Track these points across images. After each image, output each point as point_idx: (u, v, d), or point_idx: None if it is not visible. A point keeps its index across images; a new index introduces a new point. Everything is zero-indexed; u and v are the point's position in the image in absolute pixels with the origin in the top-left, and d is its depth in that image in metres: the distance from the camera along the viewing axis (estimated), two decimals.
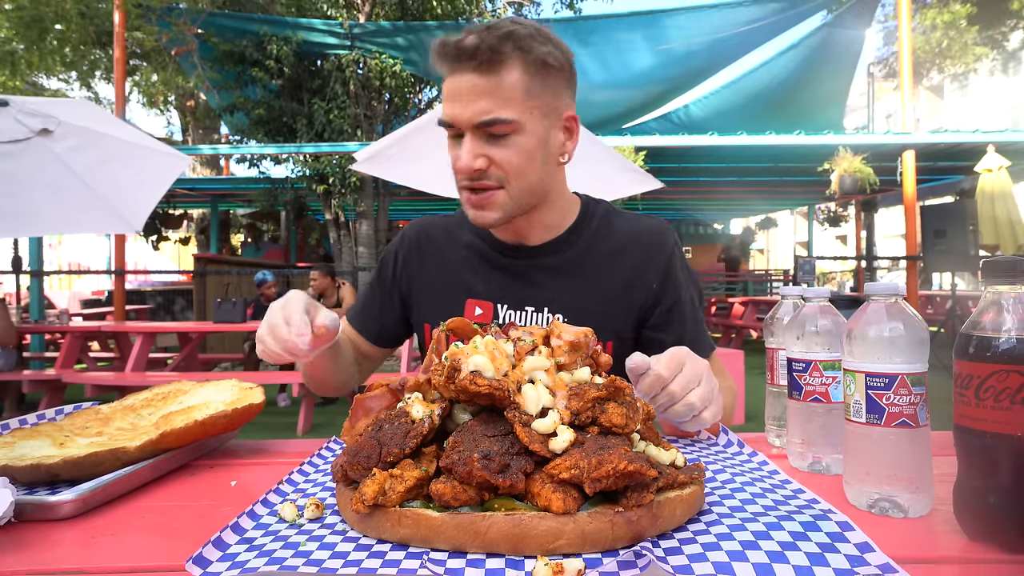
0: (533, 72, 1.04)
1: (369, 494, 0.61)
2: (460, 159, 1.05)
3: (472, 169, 1.05)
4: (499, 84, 1.02)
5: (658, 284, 1.19)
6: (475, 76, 1.02)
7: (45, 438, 0.88)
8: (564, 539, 0.58)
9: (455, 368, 0.67)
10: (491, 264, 1.24)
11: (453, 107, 1.04)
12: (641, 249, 1.20)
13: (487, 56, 1.01)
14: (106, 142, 4.30)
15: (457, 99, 1.04)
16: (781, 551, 0.55)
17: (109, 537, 0.68)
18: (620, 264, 1.20)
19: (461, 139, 1.06)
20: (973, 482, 0.63)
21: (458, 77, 1.03)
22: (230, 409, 0.94)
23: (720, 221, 19.97)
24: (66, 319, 6.39)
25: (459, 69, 1.03)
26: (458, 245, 1.28)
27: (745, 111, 9.72)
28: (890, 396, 0.69)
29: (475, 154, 1.05)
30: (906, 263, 7.99)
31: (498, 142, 1.05)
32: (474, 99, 1.02)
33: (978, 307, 0.64)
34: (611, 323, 1.17)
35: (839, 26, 8.84)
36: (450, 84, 1.05)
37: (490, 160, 1.06)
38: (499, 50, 1.01)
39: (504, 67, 1.02)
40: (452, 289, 1.25)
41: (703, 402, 0.88)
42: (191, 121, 13.19)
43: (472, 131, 1.04)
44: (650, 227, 1.24)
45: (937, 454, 0.73)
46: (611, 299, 1.18)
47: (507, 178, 1.07)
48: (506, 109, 1.03)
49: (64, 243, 17.79)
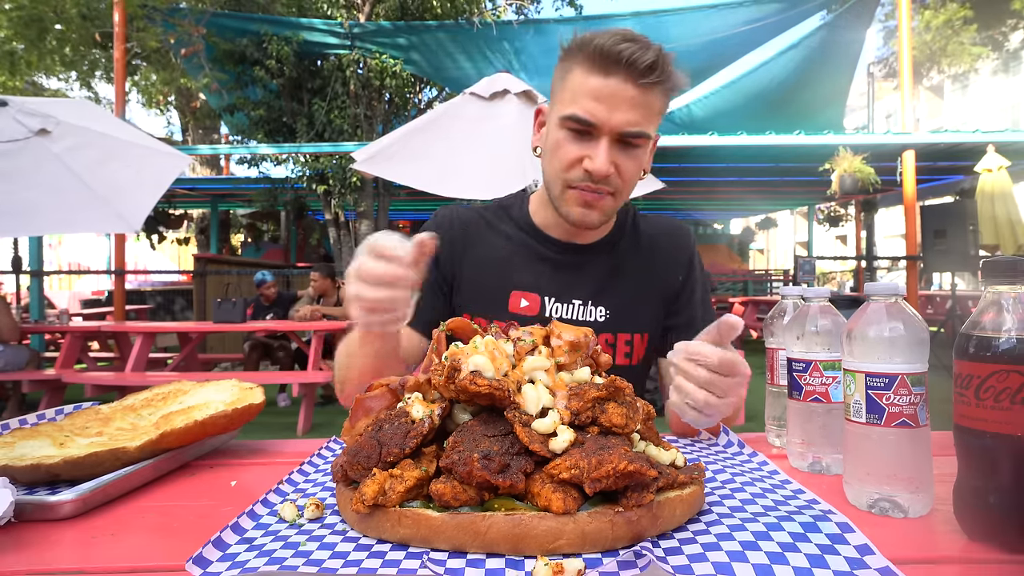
0: (667, 95, 1.10)
1: (369, 494, 0.61)
2: (594, 161, 1.07)
3: (607, 173, 1.08)
4: (650, 101, 1.07)
5: (683, 277, 1.31)
6: (634, 88, 1.04)
7: (45, 438, 0.88)
8: (564, 539, 0.58)
9: (455, 368, 0.67)
10: (537, 256, 1.27)
11: (599, 109, 1.05)
12: (668, 249, 1.32)
13: (655, 76, 1.04)
14: (105, 142, 4.31)
15: (606, 102, 1.05)
16: (781, 552, 0.55)
17: (109, 537, 0.68)
18: (653, 263, 1.30)
19: (583, 137, 1.09)
20: (973, 482, 0.63)
21: (614, 82, 1.04)
22: (230, 409, 0.94)
23: (720, 221, 19.97)
24: (66, 319, 6.39)
25: (617, 75, 1.04)
26: (499, 236, 1.29)
27: (745, 111, 9.72)
28: (890, 396, 0.69)
29: (611, 160, 1.08)
30: (906, 263, 7.98)
31: (628, 152, 1.10)
32: (628, 109, 1.05)
33: (978, 307, 0.64)
34: (646, 318, 1.27)
35: (839, 26, 8.84)
36: (599, 85, 1.05)
37: (616, 167, 1.10)
38: (661, 70, 1.04)
39: (658, 87, 1.06)
40: (496, 279, 1.25)
41: (704, 406, 0.88)
42: (191, 121, 13.19)
43: (611, 136, 1.07)
44: (673, 227, 1.36)
45: (937, 454, 0.73)
46: (647, 296, 1.28)
47: (622, 186, 1.13)
48: (649, 125, 1.09)
49: (64, 243, 17.80)
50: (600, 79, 1.05)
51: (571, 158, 1.10)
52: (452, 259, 1.28)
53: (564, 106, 1.09)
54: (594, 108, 1.06)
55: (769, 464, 0.83)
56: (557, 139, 1.12)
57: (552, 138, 1.13)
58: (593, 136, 1.08)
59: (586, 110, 1.06)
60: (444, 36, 8.66)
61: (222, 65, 8.71)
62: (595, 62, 1.05)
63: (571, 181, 1.12)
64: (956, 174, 10.32)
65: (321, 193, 8.86)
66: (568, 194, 1.14)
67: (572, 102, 1.08)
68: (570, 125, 1.09)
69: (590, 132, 1.08)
